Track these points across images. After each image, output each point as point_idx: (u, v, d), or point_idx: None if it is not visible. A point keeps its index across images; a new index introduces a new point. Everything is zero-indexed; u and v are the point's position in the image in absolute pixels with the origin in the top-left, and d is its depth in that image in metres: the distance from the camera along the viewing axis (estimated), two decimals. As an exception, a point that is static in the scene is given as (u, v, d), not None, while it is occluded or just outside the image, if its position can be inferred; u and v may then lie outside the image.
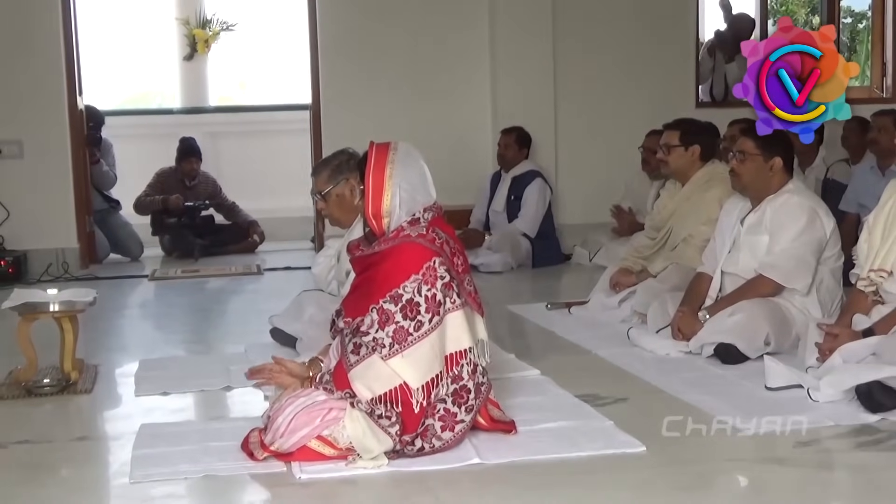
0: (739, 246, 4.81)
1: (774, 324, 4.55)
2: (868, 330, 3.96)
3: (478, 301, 3.55)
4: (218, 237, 9.27)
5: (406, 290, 3.35)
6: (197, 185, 9.41)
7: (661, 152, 5.83)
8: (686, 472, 3.30)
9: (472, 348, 3.42)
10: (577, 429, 3.62)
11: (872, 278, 4.08)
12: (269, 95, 11.59)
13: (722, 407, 3.85)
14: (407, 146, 3.54)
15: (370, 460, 3.27)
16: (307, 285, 5.72)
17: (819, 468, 3.36)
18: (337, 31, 8.54)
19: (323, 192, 4.69)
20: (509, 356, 4.68)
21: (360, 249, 3.57)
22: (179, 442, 3.57)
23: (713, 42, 9.48)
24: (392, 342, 3.32)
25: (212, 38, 10.92)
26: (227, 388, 4.42)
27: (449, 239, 3.50)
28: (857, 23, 12.13)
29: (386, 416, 3.29)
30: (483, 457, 3.34)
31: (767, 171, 4.75)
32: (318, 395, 3.36)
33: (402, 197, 3.44)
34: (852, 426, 3.61)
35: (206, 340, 5.80)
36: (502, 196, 8.00)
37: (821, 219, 4.70)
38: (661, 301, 5.07)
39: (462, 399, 3.38)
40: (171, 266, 8.50)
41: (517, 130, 8.06)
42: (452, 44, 8.66)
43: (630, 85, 8.79)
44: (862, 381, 3.74)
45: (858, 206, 6.64)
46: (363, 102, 8.50)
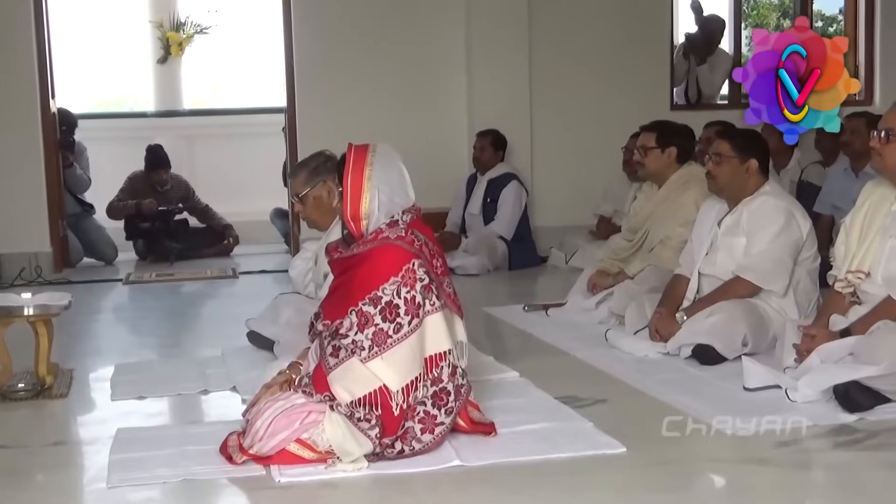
0: (716, 247, 4.82)
1: (752, 325, 4.57)
2: (845, 330, 3.97)
3: (457, 303, 3.54)
4: (192, 241, 9.22)
5: (385, 292, 3.33)
6: (169, 189, 9.36)
7: (637, 154, 5.84)
8: (666, 473, 3.30)
9: (451, 350, 3.41)
10: (557, 430, 3.62)
11: (850, 279, 4.10)
12: (243, 99, 11.55)
13: (700, 408, 3.86)
14: (386, 148, 3.52)
15: (350, 463, 3.25)
16: (284, 288, 5.71)
17: (798, 468, 3.36)
18: (312, 34, 8.51)
19: (300, 194, 4.67)
20: (488, 358, 4.68)
21: (338, 252, 3.55)
22: (157, 446, 3.54)
23: (685, 45, 9.52)
24: (371, 344, 3.30)
25: (185, 41, 10.87)
26: (203, 392, 4.40)
27: (428, 241, 3.49)
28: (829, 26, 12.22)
29: (366, 418, 3.28)
30: (463, 459, 3.33)
31: (743, 172, 4.76)
32: (297, 398, 3.34)
33: (381, 199, 3.43)
34: (830, 426, 3.61)
35: (182, 344, 5.76)
36: (478, 199, 8.00)
37: (797, 220, 4.72)
38: (638, 302, 5.07)
39: (442, 401, 3.37)
40: (145, 270, 8.45)
41: (493, 133, 8.06)
42: (429, 46, 8.65)
43: (605, 88, 8.81)
44: (839, 382, 3.75)
45: (832, 208, 6.67)
46: (339, 105, 8.48)
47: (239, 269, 8.35)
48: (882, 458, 3.38)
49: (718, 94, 9.64)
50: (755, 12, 13.59)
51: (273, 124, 9.60)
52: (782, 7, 13.48)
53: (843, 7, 9.95)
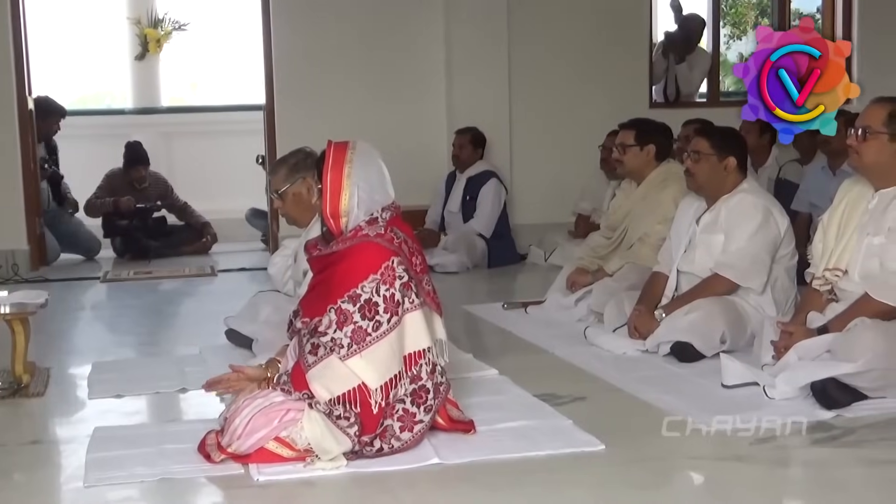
0: (695, 245, 4.84)
1: (730, 322, 4.58)
2: (823, 327, 3.99)
3: (436, 301, 3.54)
4: (170, 238, 9.18)
5: (364, 289, 3.32)
6: (147, 186, 9.31)
7: (616, 152, 5.85)
8: (645, 470, 3.31)
9: (430, 348, 3.40)
10: (536, 428, 3.62)
11: (828, 277, 4.12)
12: (221, 96, 11.51)
13: (679, 405, 3.87)
14: (365, 145, 3.51)
15: (329, 461, 3.25)
16: (262, 286, 5.69)
17: (776, 465, 3.38)
18: (291, 31, 8.49)
19: (280, 190, 4.65)
20: (467, 356, 4.67)
21: (317, 249, 3.54)
22: (134, 445, 3.52)
23: (665, 43, 9.54)
24: (350, 342, 3.30)
25: (164, 38, 10.82)
26: (182, 390, 4.37)
27: (407, 238, 3.48)
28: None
29: (344, 416, 3.27)
30: (442, 457, 3.33)
31: (722, 170, 4.78)
32: (275, 396, 3.32)
33: (361, 196, 3.42)
34: (808, 423, 3.63)
35: (160, 342, 5.74)
36: (457, 196, 8.00)
37: (775, 218, 4.74)
38: (617, 300, 5.08)
39: (421, 399, 3.36)
40: (123, 268, 8.40)
41: (472, 131, 8.06)
42: (408, 44, 8.64)
43: (584, 86, 8.82)
44: (817, 379, 3.77)
45: (810, 206, 6.70)
46: (317, 103, 8.45)
47: (217, 266, 8.32)
48: (859, 454, 3.40)
49: (697, 92, 9.66)
50: (733, 11, 13.64)
51: (252, 121, 9.57)
52: (760, 6, 13.53)
53: (821, 6, 9.99)
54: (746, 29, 13.90)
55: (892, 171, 4.00)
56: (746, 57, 13.70)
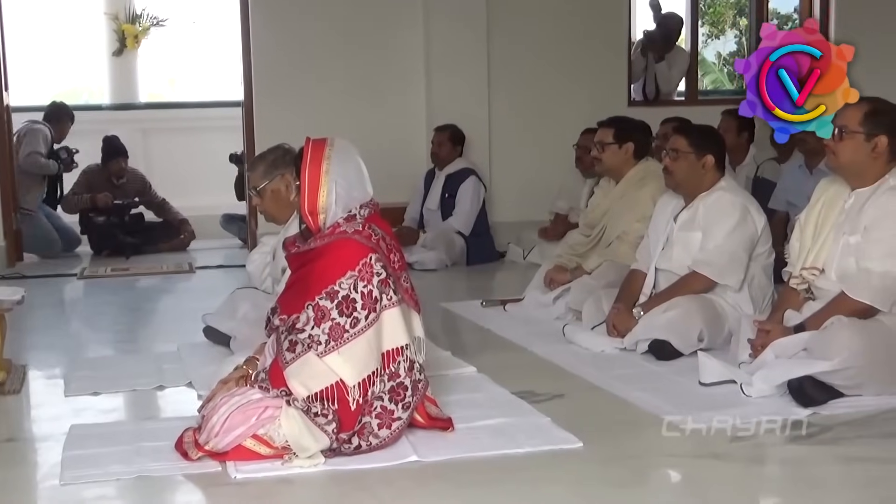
0: (673, 243, 4.85)
1: (708, 320, 4.59)
2: (799, 326, 4.01)
3: (414, 298, 3.53)
4: (148, 235, 9.14)
5: (342, 286, 3.31)
6: (125, 182, 9.27)
7: (595, 150, 5.85)
8: (623, 468, 3.31)
9: (408, 345, 3.39)
10: (515, 425, 3.62)
11: (805, 276, 4.13)
12: (199, 92, 11.46)
13: (657, 403, 3.88)
14: (343, 142, 3.51)
15: (306, 459, 3.24)
16: (240, 284, 5.66)
17: (753, 462, 3.39)
18: (270, 27, 8.46)
19: (258, 187, 4.63)
20: (445, 353, 4.67)
21: (295, 246, 3.53)
22: (111, 443, 3.50)
23: (644, 42, 9.56)
24: (328, 339, 3.29)
25: (141, 34, 10.77)
26: (159, 388, 4.35)
27: (385, 235, 3.47)
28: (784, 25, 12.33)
29: (322, 413, 3.26)
30: (421, 454, 3.32)
31: (700, 168, 4.79)
32: (253, 393, 3.31)
33: (339, 193, 3.41)
34: (784, 421, 3.63)
35: (138, 339, 5.71)
36: (436, 194, 7.99)
37: (752, 216, 4.75)
38: (595, 298, 5.09)
39: (399, 396, 3.36)
40: (100, 265, 8.35)
41: (451, 128, 8.05)
42: (387, 41, 8.63)
43: (563, 84, 8.83)
44: (793, 377, 3.78)
45: (787, 204, 6.73)
46: (296, 99, 8.43)
47: (195, 263, 8.29)
48: (835, 452, 3.41)
49: (676, 90, 9.70)
50: (712, 10, 13.69)
51: (230, 118, 9.53)
52: (738, 5, 13.59)
53: (798, 6, 10.04)
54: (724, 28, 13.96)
55: (868, 170, 4.02)
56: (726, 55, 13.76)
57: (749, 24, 10.26)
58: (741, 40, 13.31)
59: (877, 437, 3.51)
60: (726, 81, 13.71)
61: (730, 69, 14.02)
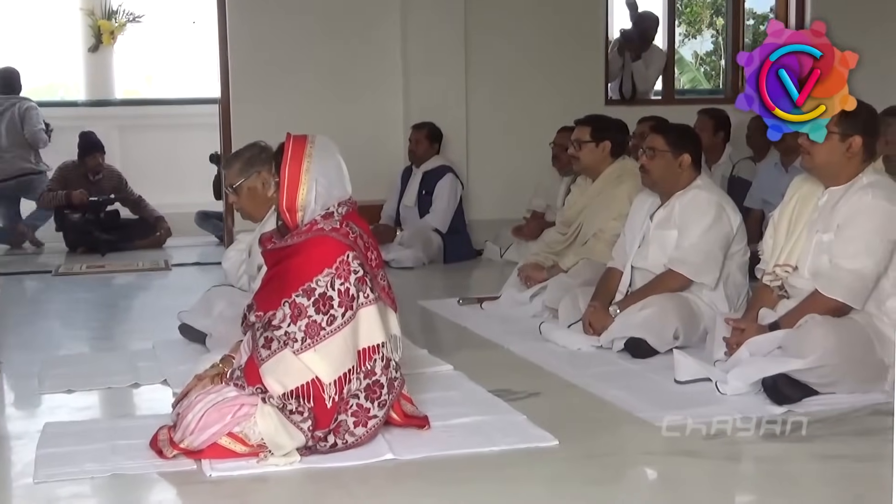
0: (649, 241, 4.86)
1: (683, 318, 4.61)
2: (774, 324, 4.02)
3: (391, 296, 3.52)
4: (124, 232, 9.08)
5: (319, 284, 3.31)
6: (101, 179, 9.21)
7: (572, 148, 5.86)
8: (598, 465, 3.32)
9: (385, 343, 3.39)
10: (491, 423, 3.62)
11: (778, 273, 4.15)
12: (176, 89, 11.41)
13: (632, 401, 3.89)
14: (324, 139, 3.49)
15: (282, 457, 3.23)
16: (216, 281, 5.64)
17: (728, 460, 3.40)
18: (246, 23, 8.43)
19: (234, 185, 4.62)
20: (422, 351, 4.67)
21: (272, 242, 3.51)
22: (85, 440, 3.48)
23: (620, 41, 9.59)
24: (304, 336, 3.28)
25: (118, 30, 10.71)
26: (134, 385, 4.33)
27: (363, 233, 3.47)
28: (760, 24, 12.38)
29: (298, 411, 3.25)
30: (396, 452, 3.32)
31: (676, 167, 4.80)
32: (228, 391, 3.30)
33: (318, 191, 3.40)
34: (759, 418, 3.64)
35: (113, 337, 5.68)
36: (413, 191, 7.98)
37: (727, 214, 4.77)
38: (572, 296, 5.09)
39: (375, 394, 3.35)
40: (75, 262, 8.30)
41: (428, 126, 8.04)
42: (365, 38, 8.61)
43: (541, 82, 8.84)
44: (768, 374, 3.80)
45: (763, 203, 6.76)
46: (273, 96, 8.41)
47: (171, 261, 8.25)
48: (809, 449, 3.43)
49: (652, 89, 9.73)
50: (689, 10, 13.74)
51: (207, 115, 9.49)
52: (715, 5, 13.64)
53: (774, 6, 10.08)
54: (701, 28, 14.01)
55: (842, 170, 4.04)
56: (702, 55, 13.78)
57: (726, 23, 10.29)
58: (718, 40, 13.36)
59: (850, 435, 3.53)
60: (703, 80, 13.77)
61: (707, 68, 14.08)
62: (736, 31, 9.91)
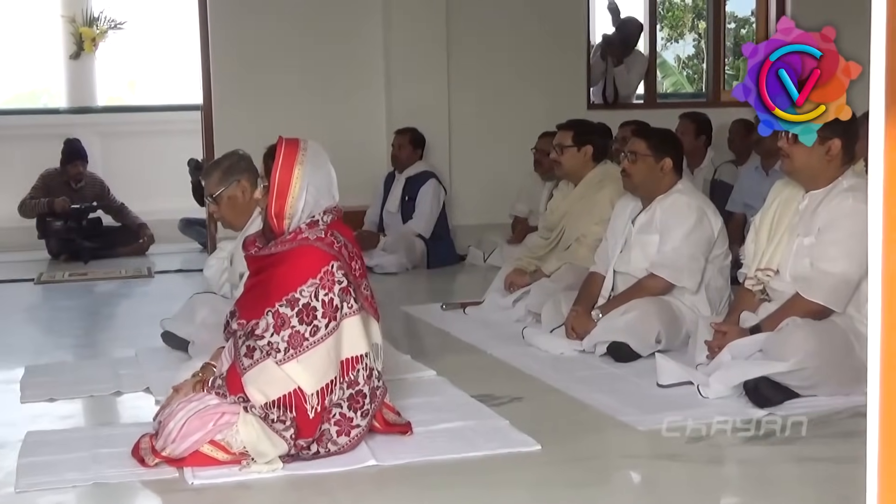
0: (631, 245, 4.87)
1: (665, 322, 4.62)
2: (755, 327, 4.04)
3: (374, 305, 3.51)
4: (106, 239, 9.06)
5: (303, 294, 3.29)
6: (83, 186, 9.19)
7: (554, 153, 5.87)
8: (581, 469, 3.33)
9: (367, 353, 3.38)
10: (473, 428, 3.62)
11: (759, 277, 4.16)
12: (159, 95, 11.38)
13: (615, 405, 3.90)
14: (316, 146, 3.48)
15: (265, 464, 3.22)
16: (199, 288, 5.63)
17: (710, 463, 3.41)
18: (229, 30, 8.42)
19: (214, 194, 4.60)
20: (404, 357, 4.66)
21: (255, 246, 3.49)
22: (67, 449, 3.47)
23: (602, 46, 9.61)
24: (287, 347, 3.27)
25: (99, 37, 10.67)
26: (116, 394, 4.32)
27: (347, 243, 3.45)
28: (741, 28, 12.44)
29: (280, 420, 3.24)
30: (379, 458, 3.32)
31: (658, 171, 4.82)
32: (210, 399, 3.29)
33: (307, 200, 3.38)
34: (741, 421, 3.66)
35: (95, 344, 5.66)
36: (396, 197, 7.99)
37: (709, 218, 4.79)
38: (554, 301, 5.10)
39: (358, 404, 3.34)
40: (58, 269, 8.28)
41: (411, 131, 8.05)
42: (347, 44, 8.61)
43: (523, 87, 8.85)
44: (749, 377, 3.81)
45: (744, 206, 6.79)
46: (256, 103, 8.40)
47: (154, 268, 8.24)
48: (791, 451, 3.44)
49: (634, 94, 9.75)
50: (670, 14, 13.79)
51: (190, 121, 9.48)
52: (696, 9, 13.69)
53: (755, 9, 10.13)
54: (683, 31, 14.06)
55: (822, 173, 4.05)
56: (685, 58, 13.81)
57: (707, 27, 10.34)
58: (700, 43, 13.41)
59: (832, 437, 3.54)
60: (686, 84, 13.81)
61: (689, 72, 14.13)
62: (717, 34, 9.94)
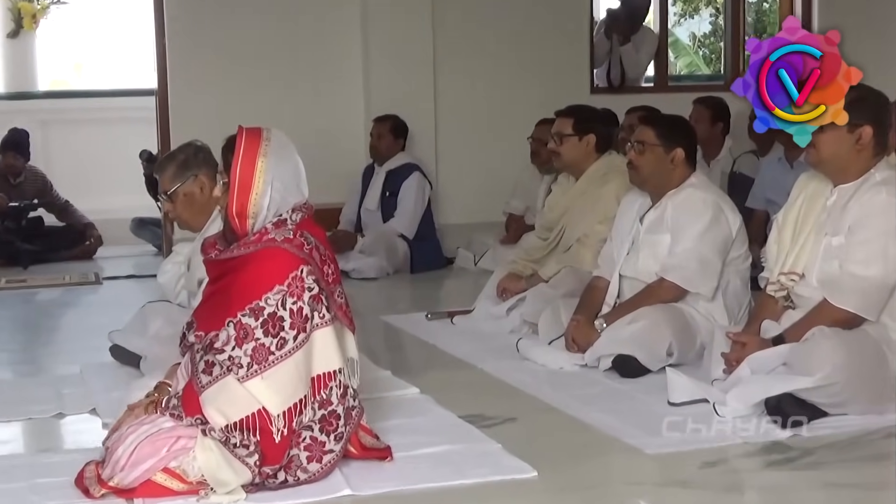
0: (639, 246, 4.88)
1: (677, 332, 4.63)
2: (778, 337, 4.05)
3: (349, 315, 3.51)
4: (49, 241, 9.06)
5: (269, 302, 3.29)
6: (23, 182, 9.20)
7: (552, 142, 5.88)
8: (582, 498, 3.34)
9: (341, 369, 3.38)
10: (461, 453, 3.63)
11: (783, 282, 4.17)
12: (108, 79, 11.38)
13: (620, 426, 3.91)
14: (281, 136, 3.46)
15: (225, 495, 3.21)
16: (152, 296, 5.63)
17: (726, 490, 3.42)
18: (186, 7, 8.42)
19: (169, 191, 4.60)
20: (384, 373, 4.66)
21: (216, 249, 3.48)
22: (3, 479, 3.46)
23: (607, 22, 9.63)
24: (251, 362, 3.27)
25: (40, 13, 10.68)
26: (59, 416, 4.31)
27: (319, 244, 3.45)
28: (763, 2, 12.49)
29: (243, 444, 3.24)
30: (354, 487, 3.32)
31: (668, 163, 4.83)
32: (164, 421, 3.29)
33: (273, 196, 3.37)
34: (762, 444, 3.68)
35: (36, 360, 5.66)
36: (376, 192, 8.00)
37: (726, 215, 4.80)
38: (553, 309, 5.11)
39: (331, 426, 3.34)
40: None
41: (392, 119, 8.06)
42: (320, 23, 8.62)
43: (518, 69, 8.87)
44: (772, 394, 3.82)
45: (767, 203, 6.79)
46: (217, 88, 8.41)
47: (102, 273, 8.25)
48: (818, 477, 3.45)
49: (643, 76, 9.77)
50: (683, -13, 13.83)
51: (143, 108, 9.48)
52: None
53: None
54: (699, 6, 14.10)
55: (851, 165, 4.06)
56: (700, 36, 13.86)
57: (725, 1, 10.36)
58: (717, 19, 13.45)
59: (862, 461, 3.55)
60: (702, 65, 13.85)
61: (706, 51, 14.17)
62: (736, 9, 9.96)
